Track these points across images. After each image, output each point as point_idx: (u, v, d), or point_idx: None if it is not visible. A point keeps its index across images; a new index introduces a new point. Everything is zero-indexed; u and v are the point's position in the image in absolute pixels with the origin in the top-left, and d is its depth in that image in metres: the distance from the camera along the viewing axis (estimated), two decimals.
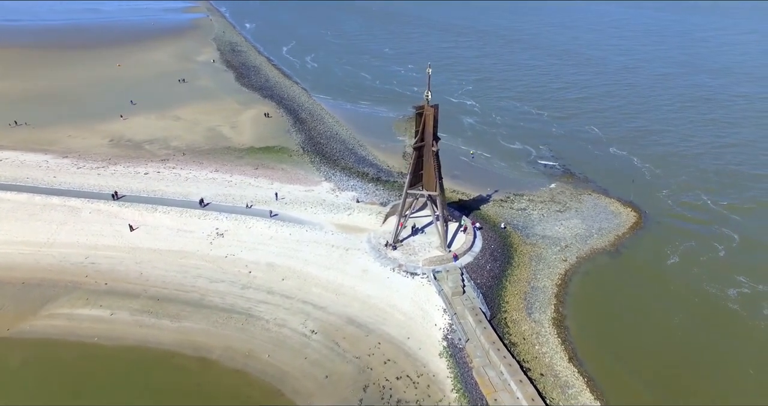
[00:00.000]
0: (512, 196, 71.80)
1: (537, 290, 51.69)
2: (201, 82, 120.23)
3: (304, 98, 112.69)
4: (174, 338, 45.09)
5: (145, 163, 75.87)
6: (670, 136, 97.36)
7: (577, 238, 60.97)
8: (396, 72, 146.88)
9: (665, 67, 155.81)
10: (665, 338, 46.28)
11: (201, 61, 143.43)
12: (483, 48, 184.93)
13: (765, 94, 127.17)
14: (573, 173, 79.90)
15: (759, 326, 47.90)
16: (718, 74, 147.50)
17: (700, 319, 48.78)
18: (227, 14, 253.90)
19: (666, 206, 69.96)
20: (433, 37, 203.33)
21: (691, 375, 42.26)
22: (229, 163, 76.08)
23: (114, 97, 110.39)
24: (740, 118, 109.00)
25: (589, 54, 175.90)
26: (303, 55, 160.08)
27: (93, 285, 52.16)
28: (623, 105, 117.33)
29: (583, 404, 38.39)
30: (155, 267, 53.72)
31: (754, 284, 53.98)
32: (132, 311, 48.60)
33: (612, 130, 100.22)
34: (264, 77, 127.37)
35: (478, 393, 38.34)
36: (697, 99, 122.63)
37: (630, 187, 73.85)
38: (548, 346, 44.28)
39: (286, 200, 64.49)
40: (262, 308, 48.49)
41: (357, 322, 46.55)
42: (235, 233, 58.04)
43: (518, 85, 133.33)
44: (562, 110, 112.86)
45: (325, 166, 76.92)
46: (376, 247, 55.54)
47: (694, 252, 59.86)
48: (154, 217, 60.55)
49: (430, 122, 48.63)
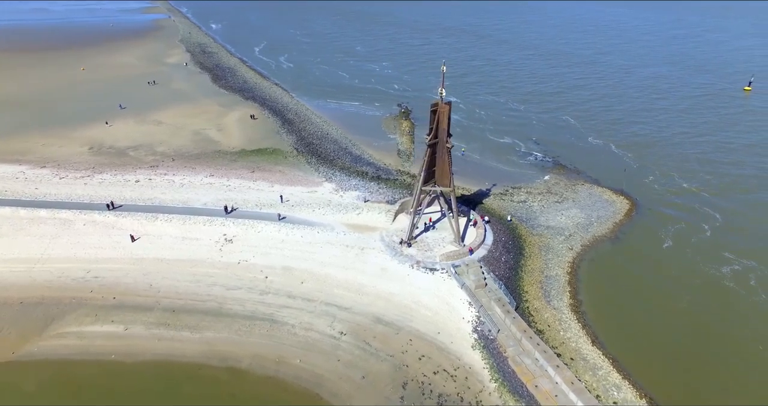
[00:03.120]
0: (510, 189, 73.53)
1: (551, 278, 53.29)
2: (177, 85, 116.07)
3: (287, 99, 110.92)
4: (198, 350, 43.64)
5: (133, 171, 72.70)
6: (646, 126, 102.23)
7: (579, 227, 63.19)
8: (372, 70, 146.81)
9: (628, 60, 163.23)
10: (674, 317, 48.79)
11: (172, 63, 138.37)
12: (455, 45, 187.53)
13: (723, 84, 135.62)
14: (564, 165, 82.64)
15: (756, 301, 51.31)
16: (676, 66, 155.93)
17: (702, 298, 51.70)
18: (190, 15, 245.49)
19: (654, 192, 73.60)
20: (404, 36, 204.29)
21: (703, 350, 44.76)
22: (223, 167, 74.04)
23: (84, 102, 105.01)
24: (706, 107, 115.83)
25: (557, 48, 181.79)
26: (276, 55, 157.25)
27: (100, 300, 49.67)
28: (598, 98, 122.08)
29: (624, 398, 39.99)
30: (165, 278, 51.69)
31: (742, 260, 57.79)
32: (147, 324, 46.65)
33: (591, 122, 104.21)
34: (242, 79, 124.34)
35: (517, 381, 39.26)
36: (664, 90, 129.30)
37: (621, 176, 77.20)
38: (572, 331, 45.82)
39: (291, 203, 63.50)
40: (285, 312, 47.63)
41: (384, 320, 46.54)
42: (245, 239, 56.66)
43: (496, 81, 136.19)
44: (541, 104, 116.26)
45: (323, 166, 76.17)
46: (391, 245, 55.64)
47: (685, 234, 63.39)
48: (156, 226, 58.20)
49: (444, 119, 49.15)
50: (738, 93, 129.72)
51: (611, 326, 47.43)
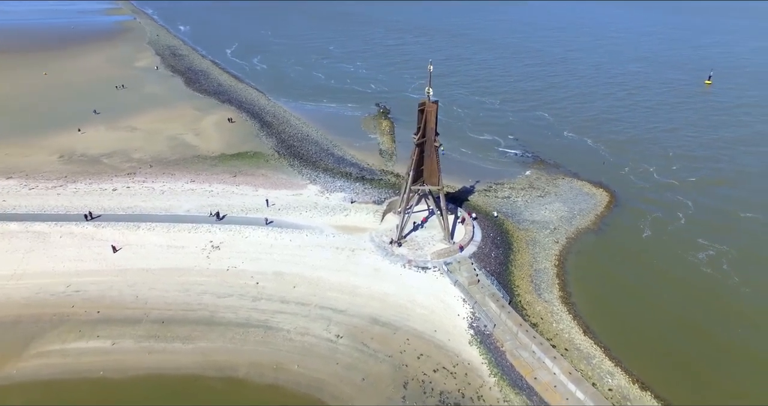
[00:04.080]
0: (494, 185, 74.58)
1: (540, 272, 54.34)
2: (149, 90, 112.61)
3: (264, 101, 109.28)
4: (192, 361, 42.49)
5: (109, 179, 70.20)
6: (618, 121, 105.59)
7: (563, 220, 64.67)
8: (347, 70, 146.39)
9: (599, 57, 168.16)
10: (658, 304, 50.50)
11: (142, 66, 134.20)
12: (430, 44, 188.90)
13: (686, 79, 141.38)
14: (543, 160, 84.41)
15: (730, 284, 53.71)
16: (644, 62, 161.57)
17: (683, 284, 53.65)
18: (156, 16, 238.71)
19: (631, 184, 76.07)
20: (377, 36, 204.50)
21: (688, 333, 46.53)
22: (204, 173, 72.34)
23: (48, 109, 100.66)
24: (673, 101, 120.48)
25: (530, 46, 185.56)
26: (249, 57, 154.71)
27: (83, 315, 47.68)
28: (571, 95, 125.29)
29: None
30: (152, 288, 50.10)
31: (715, 245, 60.51)
32: (136, 338, 45.09)
33: (565, 117, 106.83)
34: (216, 81, 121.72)
35: (516, 374, 39.90)
36: (633, 86, 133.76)
37: (600, 169, 79.47)
38: (564, 323, 46.85)
39: (278, 206, 62.64)
40: (279, 318, 46.93)
41: (381, 321, 46.46)
42: (232, 245, 55.53)
43: (471, 79, 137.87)
44: (517, 101, 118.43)
45: (306, 168, 75.41)
46: (381, 245, 55.61)
47: (662, 223, 65.79)
48: (138, 235, 56.36)
49: (432, 118, 49.38)
50: (700, 87, 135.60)
51: (601, 316, 48.73)
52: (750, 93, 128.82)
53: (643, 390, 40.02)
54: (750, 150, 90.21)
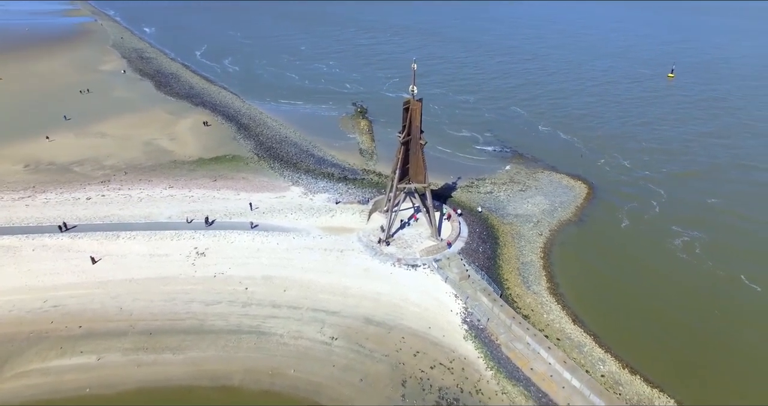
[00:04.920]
0: (475, 181, 75.50)
1: (527, 264, 55.37)
2: (117, 94, 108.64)
3: (239, 103, 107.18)
4: (185, 372, 41.34)
5: (82, 188, 67.43)
6: (590, 114, 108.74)
7: (545, 213, 66.07)
8: (320, 70, 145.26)
9: (569, 53, 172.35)
10: (640, 291, 52.31)
11: (107, 70, 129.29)
12: (402, 43, 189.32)
13: (651, 73, 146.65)
14: (522, 154, 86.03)
15: (705, 268, 56.14)
16: (612, 58, 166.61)
17: (662, 271, 55.71)
18: (119, 18, 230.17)
19: (607, 175, 78.44)
20: (349, 35, 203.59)
21: (669, 317, 48.37)
22: (182, 178, 70.40)
23: (8, 116, 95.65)
24: (640, 94, 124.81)
25: (501, 43, 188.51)
26: (219, 58, 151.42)
27: (64, 331, 45.62)
28: (543, 90, 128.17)
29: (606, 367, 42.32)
30: (137, 299, 48.44)
31: (687, 231, 63.33)
32: (123, 351, 43.50)
33: (539, 112, 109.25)
34: (187, 84, 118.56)
35: (512, 366, 40.53)
36: (602, 80, 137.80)
37: (577, 162, 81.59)
38: (554, 313, 47.90)
39: (262, 210, 61.61)
40: (271, 323, 46.18)
41: (375, 321, 46.35)
42: (218, 250, 54.27)
43: (445, 76, 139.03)
44: (491, 97, 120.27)
45: (287, 170, 74.45)
46: (369, 245, 55.49)
47: (638, 212, 68.18)
48: (118, 244, 54.38)
49: (416, 116, 49.52)
50: (663, 80, 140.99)
51: (587, 305, 50.07)
52: (711, 86, 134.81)
53: (632, 374, 41.39)
54: (714, 141, 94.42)
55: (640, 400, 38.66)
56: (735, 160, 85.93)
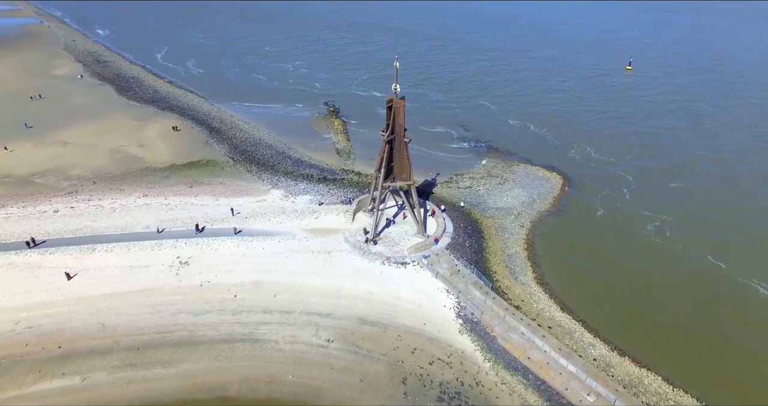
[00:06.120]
0: (454, 176, 76.42)
1: (512, 256, 56.58)
2: (76, 100, 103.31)
3: (207, 107, 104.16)
4: (179, 386, 40.04)
5: (47, 200, 63.95)
6: (557, 106, 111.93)
7: (525, 205, 67.66)
8: (287, 70, 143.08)
9: (532, 48, 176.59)
10: (620, 276, 54.44)
11: (62, 75, 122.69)
12: (365, 40, 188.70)
13: (611, 66, 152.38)
14: (496, 148, 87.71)
15: (676, 250, 59.07)
16: (576, 54, 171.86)
17: (639, 256, 58.13)
18: (67, 19, 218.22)
19: (579, 165, 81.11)
20: (313, 33, 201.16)
21: (650, 300, 50.68)
22: (156, 186, 67.90)
23: None
24: (602, 86, 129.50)
25: (462, 38, 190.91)
26: (182, 61, 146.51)
27: (41, 353, 43.20)
28: (510, 84, 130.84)
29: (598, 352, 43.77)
30: (120, 313, 46.46)
31: (657, 215, 66.56)
32: (109, 369, 41.66)
33: (508, 106, 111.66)
34: (151, 88, 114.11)
35: (509, 356, 41.41)
36: (567, 74, 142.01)
37: (552, 154, 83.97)
38: (542, 303, 49.20)
39: (243, 214, 60.28)
40: (264, 329, 45.35)
41: (369, 321, 46.28)
42: (202, 259, 52.74)
43: (412, 73, 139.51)
44: (459, 92, 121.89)
45: (265, 173, 73.08)
46: (357, 245, 55.31)
47: (611, 199, 70.97)
48: (95, 258, 51.94)
49: (400, 114, 49.65)
50: (622, 72, 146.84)
51: (573, 292, 51.66)
52: (667, 79, 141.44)
53: (621, 356, 43.10)
54: (670, 130, 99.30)
55: (631, 380, 40.31)
56: (687, 146, 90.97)
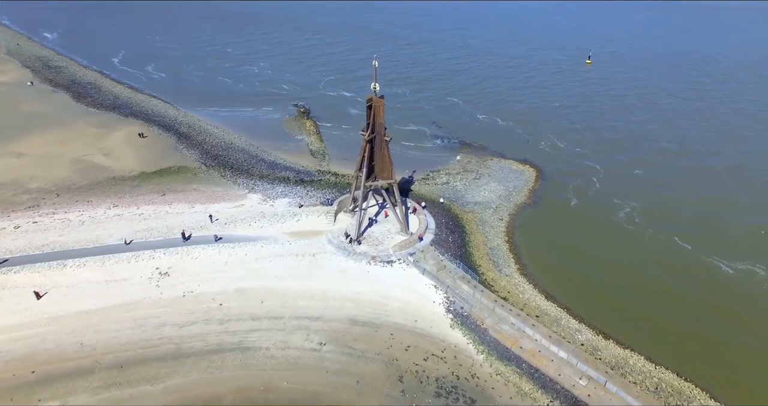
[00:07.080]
0: (430, 173, 77.12)
1: (494, 249, 57.67)
2: (28, 108, 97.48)
3: (173, 112, 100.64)
4: (168, 402, 38.50)
5: (6, 216, 60.13)
6: (524, 101, 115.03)
7: (502, 198, 69.09)
8: (252, 72, 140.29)
9: (495, 44, 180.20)
10: (597, 262, 56.64)
11: (8, 82, 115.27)
12: (332, 40, 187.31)
13: (571, 60, 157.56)
14: (469, 144, 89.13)
15: (646, 235, 61.92)
16: (539, 50, 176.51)
17: (615, 243, 60.69)
18: (7, 21, 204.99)
19: (550, 158, 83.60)
20: (277, 34, 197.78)
21: (627, 283, 52.88)
22: (126, 195, 65.12)
23: None
24: (565, 80, 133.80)
25: (427, 37, 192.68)
26: (141, 65, 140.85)
27: (12, 380, 40.32)
28: (477, 80, 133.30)
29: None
30: (98, 331, 44.26)
31: (627, 202, 69.78)
32: (91, 390, 39.57)
33: (476, 102, 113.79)
34: (111, 94, 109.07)
35: (501, 347, 42.22)
36: (530, 69, 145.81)
37: (524, 147, 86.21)
38: (528, 293, 50.41)
39: (222, 220, 58.73)
40: (254, 336, 44.34)
41: (360, 321, 46.06)
42: (182, 268, 51.00)
43: (380, 73, 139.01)
44: (427, 90, 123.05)
45: (240, 178, 71.44)
46: (341, 246, 54.97)
47: (583, 189, 73.61)
48: (66, 274, 49.31)
49: (380, 113, 49.65)
50: (582, 66, 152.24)
51: (555, 281, 53.22)
52: (624, 72, 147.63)
53: (606, 340, 44.82)
54: (628, 118, 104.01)
55: (617, 362, 41.90)
56: (647, 133, 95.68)
